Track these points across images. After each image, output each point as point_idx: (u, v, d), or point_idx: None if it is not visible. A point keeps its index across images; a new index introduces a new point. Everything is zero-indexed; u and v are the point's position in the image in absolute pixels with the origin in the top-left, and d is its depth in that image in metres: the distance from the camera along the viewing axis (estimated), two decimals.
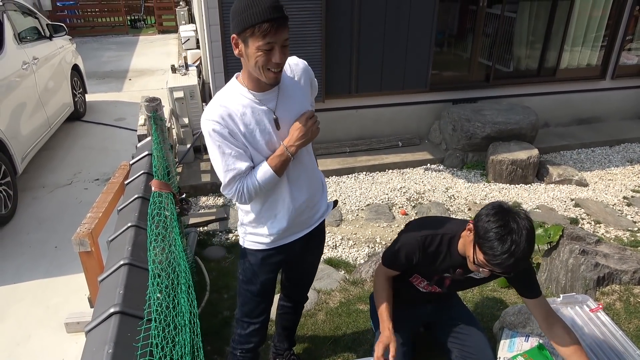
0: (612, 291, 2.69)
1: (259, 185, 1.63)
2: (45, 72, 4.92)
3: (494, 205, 1.72)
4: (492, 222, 1.65)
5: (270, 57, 1.47)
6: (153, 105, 2.59)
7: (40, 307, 2.95)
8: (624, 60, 5.79)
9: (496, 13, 5.16)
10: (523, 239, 1.61)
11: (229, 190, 1.64)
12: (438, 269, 2.00)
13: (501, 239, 1.62)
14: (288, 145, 1.63)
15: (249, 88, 1.60)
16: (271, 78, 1.53)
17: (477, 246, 1.71)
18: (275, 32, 1.43)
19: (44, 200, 4.20)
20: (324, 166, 4.72)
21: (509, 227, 1.62)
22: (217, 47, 4.34)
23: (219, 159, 1.60)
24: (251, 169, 1.64)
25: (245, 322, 2.00)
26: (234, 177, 1.60)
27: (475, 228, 1.72)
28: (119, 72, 8.76)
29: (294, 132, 1.63)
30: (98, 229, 2.16)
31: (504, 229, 1.62)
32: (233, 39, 1.50)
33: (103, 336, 1.32)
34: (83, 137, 5.62)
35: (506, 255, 1.61)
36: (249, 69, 1.54)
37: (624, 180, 4.75)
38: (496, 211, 1.68)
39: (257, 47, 1.45)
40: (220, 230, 3.76)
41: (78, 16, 13.28)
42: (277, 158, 1.63)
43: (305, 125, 1.64)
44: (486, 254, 1.66)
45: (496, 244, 1.62)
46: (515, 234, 1.61)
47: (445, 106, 5.23)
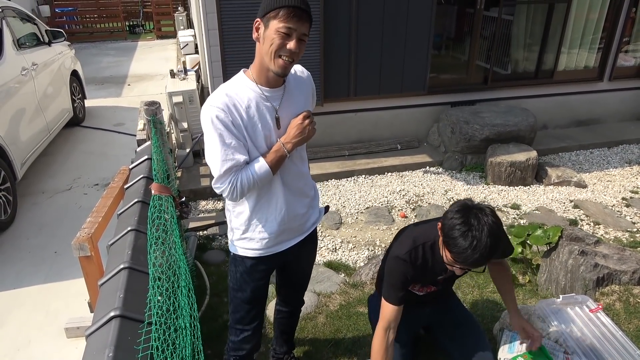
0: (611, 291, 2.69)
1: (253, 180, 1.60)
2: (44, 78, 4.93)
3: (458, 204, 1.76)
4: (454, 219, 1.70)
5: (286, 42, 1.50)
6: (152, 109, 2.60)
7: (40, 312, 2.95)
8: (621, 62, 5.82)
9: (493, 16, 5.18)
10: (484, 234, 1.64)
11: (223, 181, 1.59)
12: (431, 274, 2.01)
13: (463, 236, 1.65)
14: (285, 142, 1.64)
15: (258, 82, 1.62)
16: (280, 66, 1.53)
17: (444, 245, 1.75)
18: (297, 20, 1.47)
19: (43, 206, 4.20)
20: (323, 169, 4.72)
21: (469, 224, 1.66)
22: (215, 51, 4.35)
23: (217, 147, 1.56)
24: (247, 163, 1.63)
25: (238, 329, 1.99)
26: (231, 168, 1.57)
27: (442, 227, 1.75)
28: (118, 78, 8.78)
29: (291, 130, 1.65)
30: (98, 234, 2.16)
31: (465, 225, 1.66)
32: (256, 22, 1.54)
33: (103, 340, 1.32)
34: (82, 143, 5.63)
35: (469, 251, 1.64)
36: (261, 55, 1.56)
37: (622, 181, 4.76)
38: (459, 209, 1.72)
39: (277, 29, 1.48)
40: (220, 234, 3.76)
41: (77, 22, 13.32)
42: (274, 154, 1.63)
43: (302, 124, 1.65)
44: (452, 252, 1.70)
45: (460, 241, 1.66)
46: (476, 230, 1.65)
47: (444, 109, 5.25)
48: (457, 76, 5.49)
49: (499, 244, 1.69)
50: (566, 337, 2.16)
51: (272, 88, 1.64)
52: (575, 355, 2.08)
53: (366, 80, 4.87)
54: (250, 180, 1.60)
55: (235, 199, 1.65)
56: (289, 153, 1.65)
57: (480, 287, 3.03)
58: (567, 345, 2.13)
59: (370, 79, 4.87)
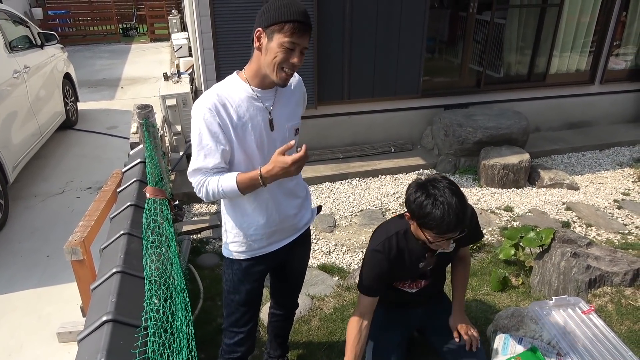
0: (603, 293, 2.71)
1: (217, 193, 1.61)
2: (36, 81, 4.90)
3: (413, 185, 1.84)
4: (418, 198, 1.77)
5: (289, 56, 1.53)
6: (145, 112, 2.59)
7: (32, 317, 2.92)
8: (612, 65, 5.88)
9: (486, 19, 5.22)
10: (448, 196, 1.73)
11: (192, 177, 1.64)
12: (411, 265, 2.04)
13: (433, 207, 1.72)
14: (264, 176, 1.54)
15: (251, 84, 1.63)
16: (282, 78, 1.57)
17: (421, 227, 1.79)
18: (301, 35, 1.51)
19: (35, 209, 4.17)
20: (317, 172, 4.73)
21: (432, 195, 1.74)
22: (209, 54, 4.35)
23: (195, 145, 1.61)
24: (220, 169, 1.61)
25: (232, 332, 1.99)
26: (200, 169, 1.61)
27: (410, 213, 1.81)
28: (111, 81, 8.75)
29: (275, 168, 1.52)
30: (90, 237, 2.15)
31: (429, 197, 1.74)
32: (258, 32, 1.54)
33: (95, 345, 1.32)
34: (75, 146, 5.60)
35: (445, 217, 1.71)
36: (261, 64, 1.58)
37: (614, 183, 4.80)
38: (416, 188, 1.80)
39: (281, 44, 1.50)
40: (214, 238, 3.75)
41: (70, 25, 13.26)
42: (249, 181, 1.57)
43: (288, 168, 1.50)
44: (432, 228, 1.75)
45: (434, 213, 1.72)
46: (440, 196, 1.73)
47: (437, 112, 5.27)
48: (450, 79, 5.52)
49: (463, 200, 1.77)
50: (559, 339, 2.18)
51: (265, 89, 1.65)
52: (568, 357, 2.09)
53: (360, 83, 4.88)
54: (215, 192, 1.61)
55: (203, 198, 1.67)
56: (264, 185, 1.58)
57: (473, 290, 3.04)
58: (560, 347, 2.14)
59: (363, 82, 4.89)
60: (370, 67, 4.84)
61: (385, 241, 1.97)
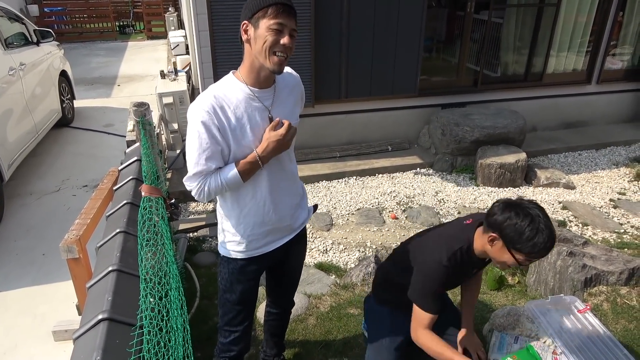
0: (599, 292, 2.72)
1: (222, 185, 1.62)
2: (32, 78, 4.88)
3: (505, 206, 1.79)
4: (519, 223, 1.73)
5: (279, 38, 1.51)
6: (141, 110, 2.58)
7: (27, 316, 2.91)
8: (608, 65, 5.89)
9: (483, 19, 5.22)
10: (546, 219, 1.73)
11: (191, 183, 1.63)
12: (460, 279, 2.06)
13: (537, 232, 1.70)
14: (261, 155, 1.62)
15: (248, 83, 1.62)
16: (276, 63, 1.54)
17: (513, 250, 1.76)
18: (286, 15, 1.50)
19: (31, 207, 4.15)
20: (314, 171, 4.72)
21: (533, 218, 1.72)
22: (206, 52, 4.34)
23: (194, 149, 1.59)
24: (218, 169, 1.63)
25: (227, 331, 1.99)
26: (201, 172, 1.60)
27: (502, 236, 1.77)
28: (107, 78, 8.71)
29: (271, 143, 1.62)
30: (86, 236, 2.14)
31: (532, 222, 1.71)
32: (243, 25, 1.54)
33: (91, 343, 1.31)
34: (71, 144, 5.58)
35: (548, 242, 1.71)
36: (253, 55, 1.56)
37: (610, 182, 4.81)
38: (514, 212, 1.75)
39: (268, 27, 1.49)
40: (210, 236, 3.75)
41: (66, 22, 13.19)
42: (248, 164, 1.62)
43: (283, 138, 1.63)
44: (528, 252, 1.73)
45: (536, 239, 1.70)
46: (541, 221, 1.72)
47: (434, 111, 5.27)
48: (448, 78, 5.52)
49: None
50: (554, 338, 2.18)
51: (262, 88, 1.64)
52: (564, 355, 2.10)
53: (357, 82, 4.88)
54: (218, 186, 1.62)
55: (202, 200, 1.67)
56: (263, 165, 1.65)
57: None
58: (556, 346, 2.15)
59: (361, 80, 4.88)
60: (368, 66, 4.84)
61: (452, 257, 1.92)
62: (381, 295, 2.31)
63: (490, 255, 1.86)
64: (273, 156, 1.66)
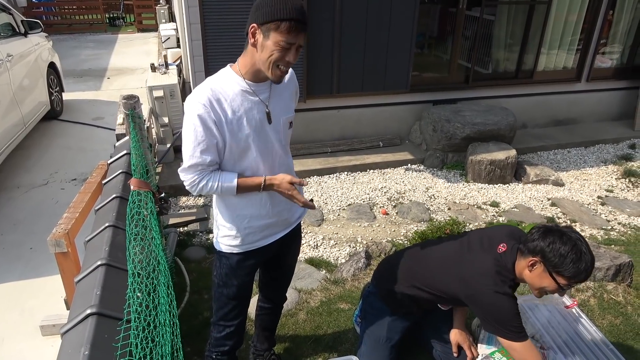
0: (586, 288, 2.75)
1: (217, 189, 1.66)
2: (20, 70, 4.81)
3: (546, 231, 1.83)
4: (562, 249, 1.77)
5: (285, 55, 1.50)
6: (131, 103, 2.56)
7: (15, 311, 2.88)
8: (598, 63, 5.94)
9: (475, 16, 5.24)
10: (586, 244, 1.78)
11: (186, 174, 1.64)
12: None
13: (580, 254, 1.75)
14: (267, 183, 1.68)
15: (245, 77, 1.61)
16: (277, 76, 1.56)
17: (555, 274, 1.80)
18: (297, 33, 1.48)
19: (19, 201, 4.10)
20: (305, 166, 4.72)
21: (575, 243, 1.77)
22: (197, 45, 4.30)
23: (190, 142, 1.59)
24: (215, 163, 1.64)
25: (221, 325, 1.99)
26: (196, 164, 1.61)
27: (544, 261, 1.80)
28: (97, 71, 8.61)
29: (282, 183, 1.68)
30: (75, 230, 2.12)
31: (574, 249, 1.76)
32: (252, 27, 1.50)
33: (79, 338, 1.30)
34: (60, 137, 5.51)
35: (590, 266, 1.76)
36: (255, 59, 1.55)
37: (598, 180, 4.87)
38: (555, 237, 1.80)
39: (277, 42, 1.47)
40: (201, 231, 3.73)
41: (55, 13, 13.00)
42: (251, 182, 1.68)
43: (290, 193, 1.69)
44: (571, 276, 1.77)
45: (578, 264, 1.75)
46: (583, 245, 1.77)
47: (426, 107, 5.29)
48: (439, 75, 5.53)
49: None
50: (542, 333, 2.21)
51: (259, 82, 1.63)
52: (551, 350, 2.12)
53: (349, 78, 4.87)
54: (214, 188, 1.65)
55: (193, 192, 1.69)
56: (263, 190, 1.70)
57: None
58: (543, 341, 2.17)
59: (353, 76, 4.88)
60: (360, 61, 4.83)
61: (503, 284, 1.89)
62: (388, 293, 2.28)
63: (528, 280, 1.88)
64: (274, 190, 1.71)
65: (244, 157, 1.68)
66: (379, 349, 2.22)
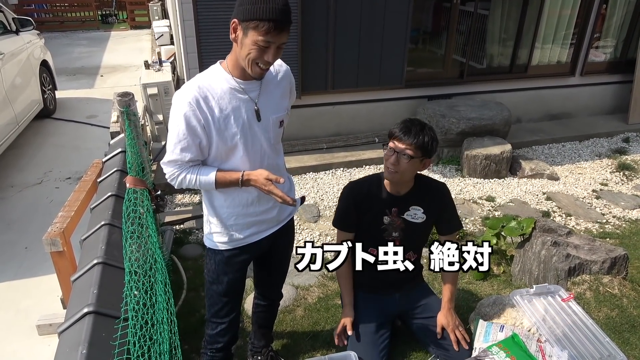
0: (582, 281, 2.77)
1: (195, 183, 1.66)
2: (11, 68, 4.76)
3: None
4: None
5: (263, 54, 1.49)
6: (126, 100, 2.54)
7: (10, 311, 2.86)
8: (592, 57, 5.96)
9: (469, 10, 5.23)
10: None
11: (166, 167, 1.67)
12: (377, 213, 2.16)
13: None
14: (245, 178, 1.65)
15: (233, 75, 1.60)
16: (257, 73, 1.55)
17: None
18: (277, 33, 1.46)
19: (12, 200, 4.07)
20: (301, 162, 4.71)
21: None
22: (191, 42, 4.27)
23: (172, 137, 1.61)
24: (195, 162, 1.65)
25: (214, 322, 1.99)
26: (175, 160, 1.63)
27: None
28: (90, 69, 8.55)
29: (258, 179, 1.63)
30: (70, 228, 2.11)
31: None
32: (233, 22, 1.49)
33: (77, 337, 1.30)
34: (53, 135, 5.47)
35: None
36: (237, 56, 1.55)
37: (592, 174, 4.89)
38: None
39: (255, 41, 1.46)
40: (197, 228, 3.72)
41: (46, 10, 12.89)
42: (229, 177, 1.66)
43: (266, 186, 1.64)
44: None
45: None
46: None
47: (421, 102, 5.29)
48: (434, 70, 5.53)
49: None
50: (539, 326, 2.22)
51: (248, 80, 1.62)
52: (548, 343, 2.13)
53: (344, 73, 4.86)
54: (192, 181, 1.66)
55: (174, 185, 1.70)
56: (242, 186, 1.68)
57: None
58: (540, 334, 2.19)
59: (348, 72, 4.87)
60: (355, 57, 4.82)
61: (355, 182, 2.23)
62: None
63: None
64: (251, 185, 1.68)
65: (231, 155, 1.68)
66: (359, 339, 2.23)
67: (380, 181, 2.17)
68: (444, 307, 2.25)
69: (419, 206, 2.18)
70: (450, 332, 2.18)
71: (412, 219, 2.18)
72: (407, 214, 2.18)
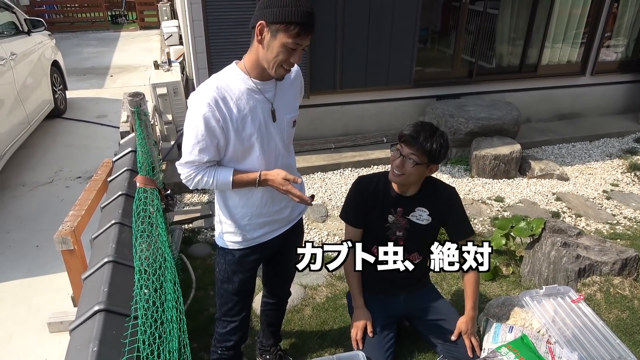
0: (592, 282, 2.74)
1: (212, 183, 1.66)
2: (23, 68, 4.82)
3: None
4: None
5: (290, 56, 1.51)
6: (137, 100, 2.56)
7: (21, 308, 2.90)
8: (603, 56, 5.90)
9: (479, 10, 5.21)
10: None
11: (183, 168, 1.66)
12: (382, 211, 2.16)
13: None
14: (262, 178, 1.66)
15: (251, 75, 1.61)
16: (280, 74, 1.57)
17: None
18: (306, 36, 1.49)
19: (24, 199, 4.12)
20: (309, 162, 4.71)
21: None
22: (200, 42, 4.29)
23: (190, 138, 1.60)
24: (212, 161, 1.65)
25: (225, 321, 2.00)
26: (193, 161, 1.62)
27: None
28: (100, 69, 8.62)
29: (276, 178, 1.66)
30: (81, 227, 2.13)
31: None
32: (260, 24, 1.49)
33: (88, 334, 1.31)
34: (64, 135, 5.53)
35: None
36: (260, 57, 1.55)
37: (603, 174, 4.84)
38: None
39: (284, 44, 1.48)
40: (206, 228, 3.74)
41: (57, 11, 13.01)
42: (246, 178, 1.67)
43: (284, 187, 1.66)
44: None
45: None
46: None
47: (429, 102, 5.27)
48: (443, 70, 5.51)
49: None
50: (549, 327, 2.20)
51: (264, 81, 1.63)
52: (557, 344, 2.12)
53: (352, 73, 4.86)
54: (209, 183, 1.66)
55: (189, 185, 1.70)
56: (258, 185, 1.69)
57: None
58: (550, 335, 2.17)
59: (356, 71, 4.86)
60: (363, 57, 4.81)
61: (364, 177, 2.24)
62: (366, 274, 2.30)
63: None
64: (268, 185, 1.70)
65: (247, 155, 1.68)
66: (372, 339, 2.22)
67: (388, 181, 2.17)
68: (467, 315, 2.21)
69: (424, 208, 2.17)
70: (465, 339, 2.17)
71: (417, 220, 2.17)
72: (413, 214, 2.17)
